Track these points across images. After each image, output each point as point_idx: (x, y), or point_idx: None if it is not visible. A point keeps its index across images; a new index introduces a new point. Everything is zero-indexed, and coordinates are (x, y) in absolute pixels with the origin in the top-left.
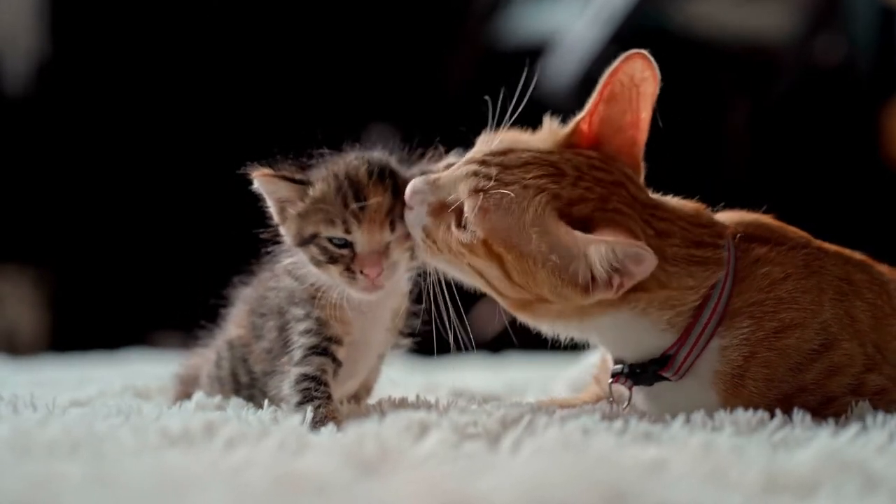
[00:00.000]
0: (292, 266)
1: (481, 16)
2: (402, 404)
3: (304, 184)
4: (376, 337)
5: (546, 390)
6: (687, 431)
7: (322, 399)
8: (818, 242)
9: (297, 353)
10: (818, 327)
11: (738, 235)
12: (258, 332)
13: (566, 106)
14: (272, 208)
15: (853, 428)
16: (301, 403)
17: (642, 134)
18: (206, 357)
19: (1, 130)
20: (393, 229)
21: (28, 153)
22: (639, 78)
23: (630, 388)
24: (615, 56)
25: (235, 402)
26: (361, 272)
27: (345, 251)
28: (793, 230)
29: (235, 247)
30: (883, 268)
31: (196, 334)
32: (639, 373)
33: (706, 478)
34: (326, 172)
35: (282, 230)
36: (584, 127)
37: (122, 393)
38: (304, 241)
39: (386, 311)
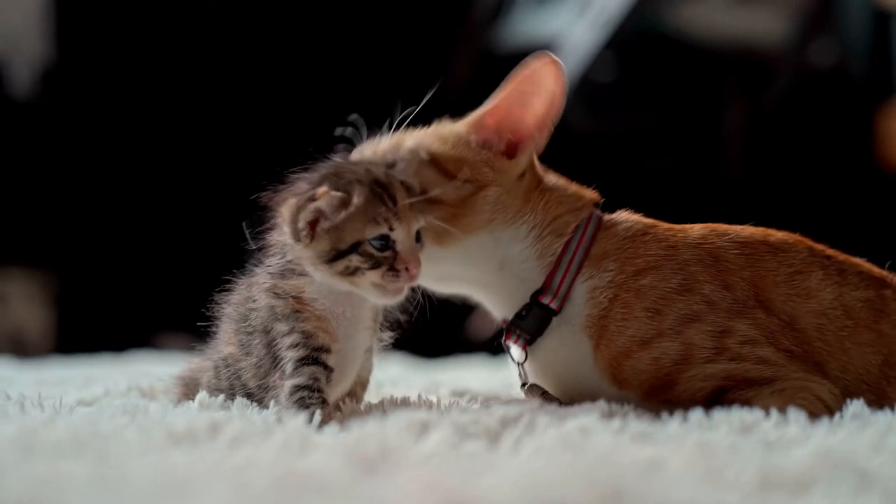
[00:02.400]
0: (272, 285)
1: (481, 19)
2: (403, 404)
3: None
4: (360, 339)
5: None
6: (684, 431)
7: (317, 404)
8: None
9: (289, 367)
10: (675, 266)
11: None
12: (246, 349)
13: (564, 108)
14: (297, 230)
15: (848, 426)
16: (298, 413)
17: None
18: (206, 363)
19: (7, 134)
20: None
21: (34, 156)
22: (544, 82)
23: (524, 348)
24: (612, 59)
25: (239, 401)
26: (406, 269)
27: (387, 253)
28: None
29: (240, 249)
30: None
31: (200, 336)
32: (524, 315)
33: (703, 476)
34: (351, 179)
35: (302, 251)
36: (489, 121)
37: (127, 393)
38: (339, 254)
39: (366, 312)
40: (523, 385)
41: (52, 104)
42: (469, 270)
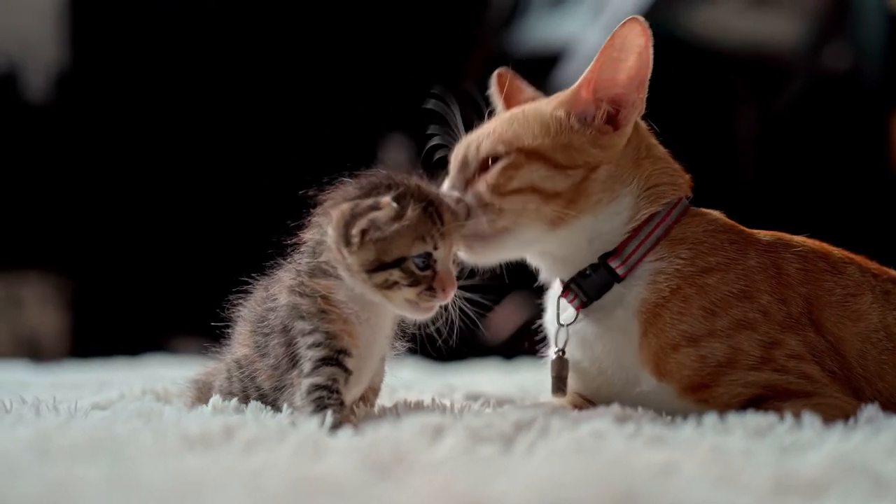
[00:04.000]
0: (297, 283)
1: (496, 24)
2: (417, 408)
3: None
4: (379, 345)
5: None
6: (698, 434)
7: (335, 405)
8: None
9: (308, 366)
10: (741, 271)
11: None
12: (262, 351)
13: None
14: (349, 235)
15: (862, 431)
16: (315, 412)
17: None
18: (219, 366)
19: (22, 138)
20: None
21: (49, 160)
22: (629, 40)
23: (578, 309)
24: None
25: (253, 405)
26: (442, 289)
27: (427, 272)
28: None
29: (254, 253)
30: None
31: (215, 340)
32: (589, 274)
33: (717, 480)
34: (405, 194)
35: (347, 257)
36: (584, 94)
37: (142, 397)
38: (382, 266)
39: (388, 321)
40: (557, 353)
41: (67, 108)
42: (563, 248)
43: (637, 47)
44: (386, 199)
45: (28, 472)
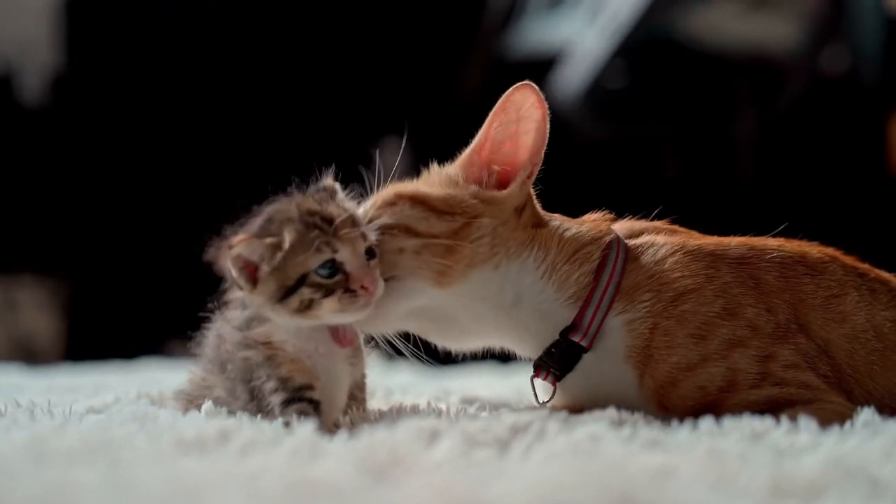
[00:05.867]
0: (241, 338)
1: (493, 27)
2: (413, 412)
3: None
4: (340, 370)
5: None
6: (694, 438)
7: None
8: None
9: (276, 410)
10: (717, 290)
11: (625, 232)
12: (233, 395)
13: (573, 114)
14: (241, 279)
15: (859, 434)
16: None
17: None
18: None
19: (18, 141)
20: (365, 239)
21: (44, 163)
22: (525, 110)
23: (553, 384)
24: (623, 66)
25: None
26: (362, 287)
27: (338, 277)
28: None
29: None
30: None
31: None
32: (554, 352)
33: (714, 483)
34: (281, 220)
35: (252, 298)
36: (476, 158)
37: (137, 400)
38: (289, 291)
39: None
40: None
41: (63, 111)
42: (481, 310)
43: (535, 122)
44: (240, 237)
45: (23, 476)
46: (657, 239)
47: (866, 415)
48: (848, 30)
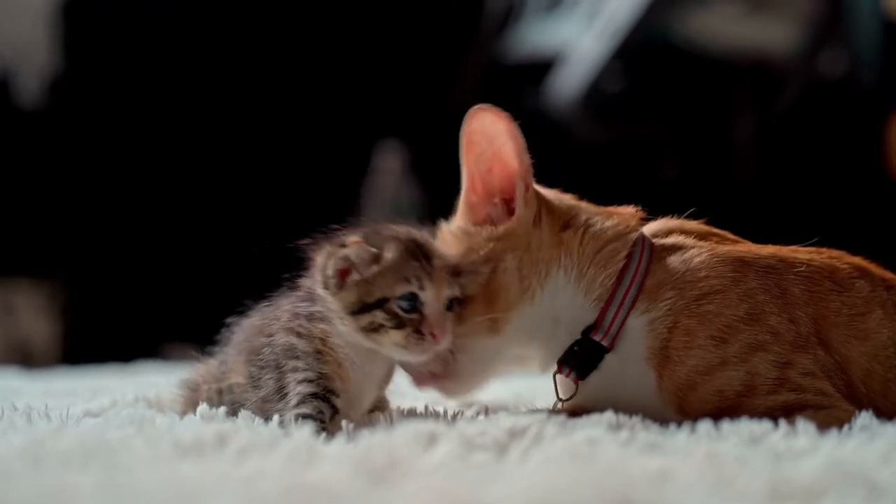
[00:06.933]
0: (295, 325)
1: (490, 30)
2: (410, 415)
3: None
4: (369, 390)
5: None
6: (692, 441)
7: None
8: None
9: (294, 399)
10: (742, 294)
11: (654, 230)
12: (255, 383)
13: (571, 117)
14: (326, 277)
15: (857, 438)
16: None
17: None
18: (210, 370)
19: (15, 144)
20: (451, 289)
21: (41, 166)
22: (489, 130)
23: (576, 382)
24: (621, 69)
25: (245, 413)
26: (431, 334)
27: (414, 315)
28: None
29: (248, 259)
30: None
31: (208, 346)
32: (576, 350)
33: (712, 487)
34: (388, 235)
35: (331, 300)
36: (473, 198)
37: (134, 403)
38: (365, 308)
39: (381, 370)
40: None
41: (60, 114)
42: (535, 340)
43: (504, 132)
44: (353, 238)
45: (20, 480)
46: (686, 241)
47: (864, 418)
48: (846, 32)
